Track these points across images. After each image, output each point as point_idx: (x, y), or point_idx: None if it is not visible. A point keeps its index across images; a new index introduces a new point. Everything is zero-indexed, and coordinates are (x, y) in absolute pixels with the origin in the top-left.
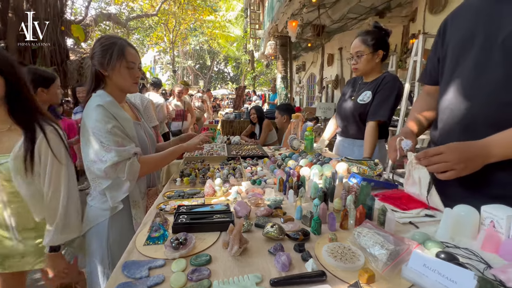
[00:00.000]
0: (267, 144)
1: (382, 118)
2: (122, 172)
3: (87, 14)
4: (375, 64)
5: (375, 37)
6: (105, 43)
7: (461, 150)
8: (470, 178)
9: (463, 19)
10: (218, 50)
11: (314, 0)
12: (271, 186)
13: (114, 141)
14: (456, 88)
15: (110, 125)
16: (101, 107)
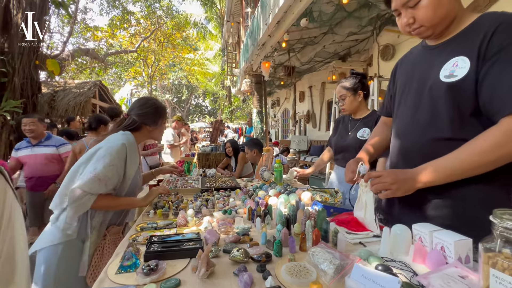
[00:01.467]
0: (243, 176)
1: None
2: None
3: (64, 49)
4: (358, 103)
5: (353, 81)
6: (156, 106)
7: (396, 174)
8: (410, 201)
9: (406, 65)
10: (196, 85)
11: (284, 45)
12: (241, 216)
13: (103, 175)
14: (399, 125)
15: (115, 162)
16: (123, 146)
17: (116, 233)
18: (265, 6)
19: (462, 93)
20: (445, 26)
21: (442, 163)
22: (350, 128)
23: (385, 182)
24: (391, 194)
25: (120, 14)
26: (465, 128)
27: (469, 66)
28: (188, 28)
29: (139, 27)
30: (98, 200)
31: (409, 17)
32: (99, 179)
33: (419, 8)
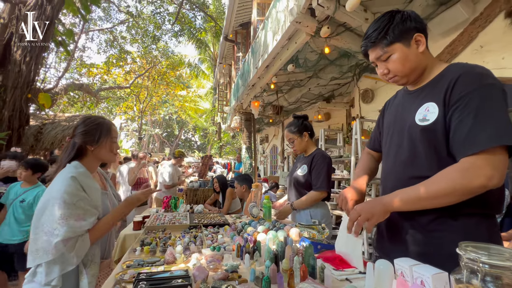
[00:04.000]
0: (231, 212)
1: (323, 189)
2: (72, 248)
3: (58, 84)
4: (306, 143)
5: (296, 125)
6: (94, 123)
7: (367, 202)
8: (396, 237)
9: (391, 106)
10: (187, 120)
11: (272, 87)
12: (229, 252)
13: (75, 214)
14: (385, 163)
15: (76, 199)
16: (73, 179)
17: (107, 266)
18: (255, 52)
19: (436, 135)
20: (418, 75)
21: (408, 190)
22: (299, 163)
23: (359, 212)
24: (370, 224)
25: (117, 53)
26: (443, 167)
27: (437, 111)
28: (182, 67)
29: (134, 65)
30: (91, 235)
31: (383, 68)
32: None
33: (390, 62)
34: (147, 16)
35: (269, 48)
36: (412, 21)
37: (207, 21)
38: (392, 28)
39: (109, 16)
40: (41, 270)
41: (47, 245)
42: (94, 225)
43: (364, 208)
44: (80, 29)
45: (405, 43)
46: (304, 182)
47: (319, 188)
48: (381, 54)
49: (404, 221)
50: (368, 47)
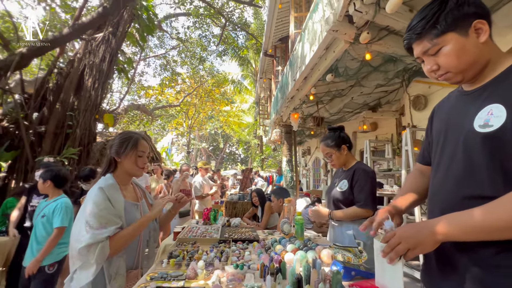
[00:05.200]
0: (270, 227)
1: (368, 207)
2: (93, 254)
3: (120, 105)
4: (345, 157)
5: (333, 138)
6: (123, 136)
7: (409, 227)
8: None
9: (441, 111)
10: (231, 135)
11: (311, 98)
12: (253, 271)
13: (98, 223)
14: (434, 177)
15: (101, 208)
16: (101, 189)
17: (135, 277)
18: (293, 64)
19: (502, 144)
20: (477, 71)
21: (462, 215)
22: (338, 179)
23: (400, 239)
24: (412, 253)
25: (169, 75)
26: None
27: (505, 115)
28: (226, 84)
29: (184, 85)
30: (111, 242)
31: (432, 64)
32: (95, 228)
33: (440, 56)
34: (194, 40)
35: (306, 59)
36: (470, 5)
37: (248, 39)
38: (444, 15)
39: (163, 43)
40: (75, 276)
41: (75, 252)
42: (116, 234)
43: (407, 234)
44: (139, 57)
45: (462, 32)
46: (345, 199)
47: (363, 205)
48: (429, 47)
49: (460, 252)
50: (412, 40)
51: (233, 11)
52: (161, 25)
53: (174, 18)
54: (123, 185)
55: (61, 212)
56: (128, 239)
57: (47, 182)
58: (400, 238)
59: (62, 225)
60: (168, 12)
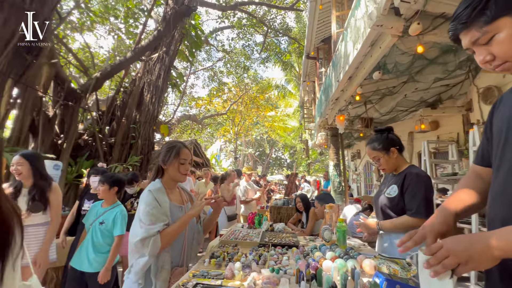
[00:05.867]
0: (315, 234)
1: (421, 216)
2: (147, 247)
3: (174, 116)
4: (395, 160)
5: (381, 141)
6: (168, 146)
7: (460, 239)
8: None
9: (504, 107)
10: (276, 139)
11: (357, 99)
12: (289, 277)
13: (149, 220)
14: (494, 182)
15: (151, 207)
16: (150, 192)
17: (180, 274)
18: (336, 65)
19: None
20: None
21: None
22: (386, 184)
23: (449, 252)
24: (465, 270)
25: (216, 85)
26: None
27: None
28: (270, 90)
29: (230, 94)
30: (162, 237)
31: (485, 55)
32: (147, 224)
33: (494, 44)
34: (238, 50)
35: (350, 58)
36: None
37: (291, 43)
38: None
39: (210, 56)
40: (132, 269)
41: (133, 246)
42: (164, 229)
43: (457, 247)
44: (189, 71)
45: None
46: (394, 206)
47: (415, 214)
48: (479, 37)
49: None
50: (457, 31)
51: (275, 18)
52: (207, 40)
53: (220, 31)
54: (169, 189)
55: (121, 220)
56: (173, 235)
57: (114, 189)
58: (448, 251)
59: (122, 233)
60: (214, 26)
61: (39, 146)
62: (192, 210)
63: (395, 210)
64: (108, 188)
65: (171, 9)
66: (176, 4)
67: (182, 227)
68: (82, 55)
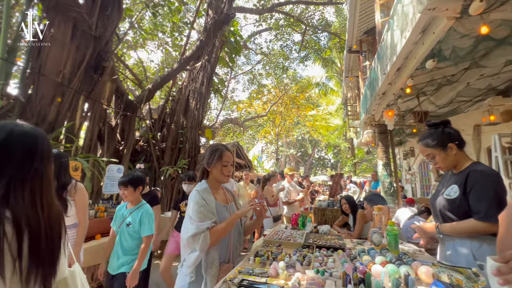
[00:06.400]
0: (364, 238)
1: (490, 220)
2: (197, 242)
3: (217, 120)
4: (454, 157)
5: (434, 136)
6: (211, 149)
7: None
8: None
9: None
10: (319, 139)
11: (408, 91)
12: (335, 279)
13: (198, 217)
14: None
15: (199, 206)
16: (197, 192)
17: (227, 270)
18: (382, 57)
19: None
20: None
21: None
22: (445, 185)
23: None
24: None
25: (256, 88)
26: None
27: None
28: (310, 89)
29: (269, 95)
30: (211, 233)
31: None
32: (197, 221)
33: None
34: (277, 51)
35: (398, 48)
36: None
37: (331, 38)
38: None
39: (249, 59)
40: (184, 263)
41: (185, 241)
42: (213, 227)
43: None
44: (229, 76)
45: None
46: (455, 209)
47: (484, 218)
48: None
49: None
50: None
51: (313, 15)
52: (246, 44)
53: (257, 35)
54: (214, 189)
55: (148, 220)
56: (221, 233)
57: (139, 189)
58: None
59: (150, 233)
60: (252, 30)
61: (105, 153)
62: (240, 211)
63: (457, 213)
64: (134, 190)
65: (211, 19)
66: (215, 13)
67: (229, 226)
68: (136, 70)
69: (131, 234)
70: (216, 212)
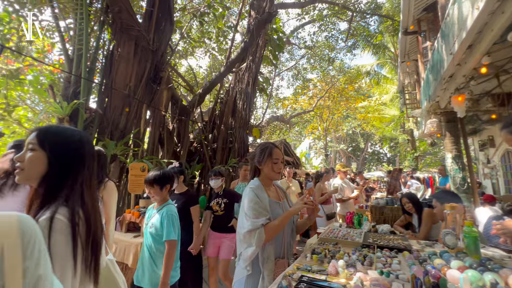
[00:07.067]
0: (433, 239)
1: None
2: (253, 238)
3: (263, 119)
4: None
5: None
6: (261, 148)
7: None
8: None
9: None
10: (372, 132)
11: (484, 71)
12: (402, 282)
13: (253, 214)
14: None
15: (253, 203)
16: (251, 189)
17: (282, 265)
18: (447, 35)
19: None
20: None
21: None
22: None
23: None
24: None
25: (301, 83)
26: None
27: None
28: (360, 79)
29: (315, 90)
30: (266, 229)
31: None
32: (252, 218)
33: None
34: (321, 43)
35: (468, 22)
36: None
37: (382, 22)
38: None
39: (292, 55)
40: (241, 257)
41: (241, 236)
42: (267, 223)
43: None
44: (274, 74)
45: None
46: None
47: None
48: None
49: None
50: None
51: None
52: (289, 40)
53: (300, 29)
54: (266, 187)
55: (168, 222)
56: (276, 230)
57: (166, 187)
58: None
59: (173, 238)
60: (295, 25)
61: (165, 154)
62: (293, 208)
63: None
64: (160, 189)
65: (254, 19)
66: (258, 13)
67: (283, 223)
68: (187, 77)
69: (154, 237)
70: (270, 209)
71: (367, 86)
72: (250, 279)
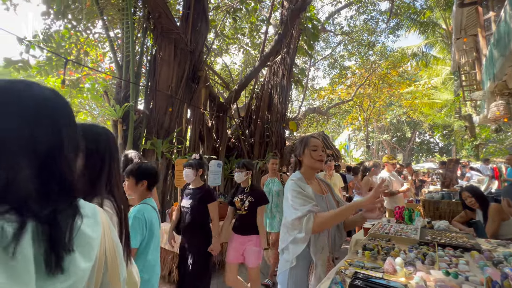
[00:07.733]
0: (503, 239)
1: None
2: (302, 224)
3: (299, 112)
4: None
5: None
6: (299, 140)
7: None
8: None
9: None
10: (420, 120)
11: None
12: (473, 285)
13: (299, 203)
14: None
15: (296, 193)
16: (293, 181)
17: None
18: None
19: None
20: None
21: None
22: None
23: None
24: None
25: (338, 72)
26: None
27: None
28: (405, 62)
29: (354, 78)
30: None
31: None
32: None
33: None
34: (359, 27)
35: None
36: None
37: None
38: None
39: (328, 43)
40: (290, 244)
41: (289, 224)
42: (319, 212)
43: None
44: (309, 64)
45: None
46: None
47: None
48: None
49: None
50: None
51: None
52: (324, 27)
53: (336, 14)
54: (308, 179)
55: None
56: (329, 221)
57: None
58: None
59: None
60: (330, 11)
61: (206, 150)
62: (359, 201)
63: None
64: (135, 183)
65: (287, 9)
66: (291, 3)
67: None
68: (223, 74)
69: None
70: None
71: (413, 70)
72: (294, 271)
